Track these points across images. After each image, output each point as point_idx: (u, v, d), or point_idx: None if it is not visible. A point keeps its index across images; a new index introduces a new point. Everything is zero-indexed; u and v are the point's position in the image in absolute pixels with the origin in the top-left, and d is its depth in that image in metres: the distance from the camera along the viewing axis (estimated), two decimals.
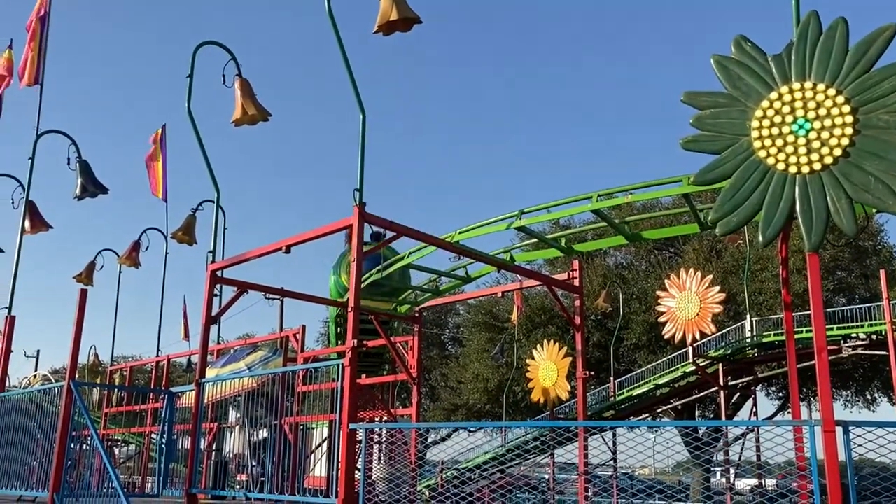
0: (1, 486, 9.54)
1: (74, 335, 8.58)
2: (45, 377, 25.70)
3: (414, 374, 10.67)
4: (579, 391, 9.68)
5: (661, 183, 9.25)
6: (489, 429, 31.52)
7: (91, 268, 15.48)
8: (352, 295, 7.12)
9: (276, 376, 8.51)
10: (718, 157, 4.98)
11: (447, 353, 43.57)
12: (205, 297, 8.93)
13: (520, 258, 11.91)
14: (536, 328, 33.04)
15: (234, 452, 9.46)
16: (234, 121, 8.96)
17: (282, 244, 8.13)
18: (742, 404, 30.60)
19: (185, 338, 20.11)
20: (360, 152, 7.43)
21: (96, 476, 9.63)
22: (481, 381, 34.93)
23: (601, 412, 27.16)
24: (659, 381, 26.85)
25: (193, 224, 13.16)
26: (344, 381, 6.83)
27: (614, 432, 20.35)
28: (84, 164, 11.17)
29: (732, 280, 28.31)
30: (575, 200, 9.85)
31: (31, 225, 11.43)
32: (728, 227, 4.92)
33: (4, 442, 9.66)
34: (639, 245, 32.59)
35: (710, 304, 10.84)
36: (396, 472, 8.75)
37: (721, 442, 21.90)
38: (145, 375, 28.17)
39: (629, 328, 31.59)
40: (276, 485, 7.78)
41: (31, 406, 9.60)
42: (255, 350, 11.79)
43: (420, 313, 11.53)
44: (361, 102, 7.50)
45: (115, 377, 17.80)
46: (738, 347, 25.05)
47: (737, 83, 4.96)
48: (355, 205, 7.23)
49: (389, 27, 7.35)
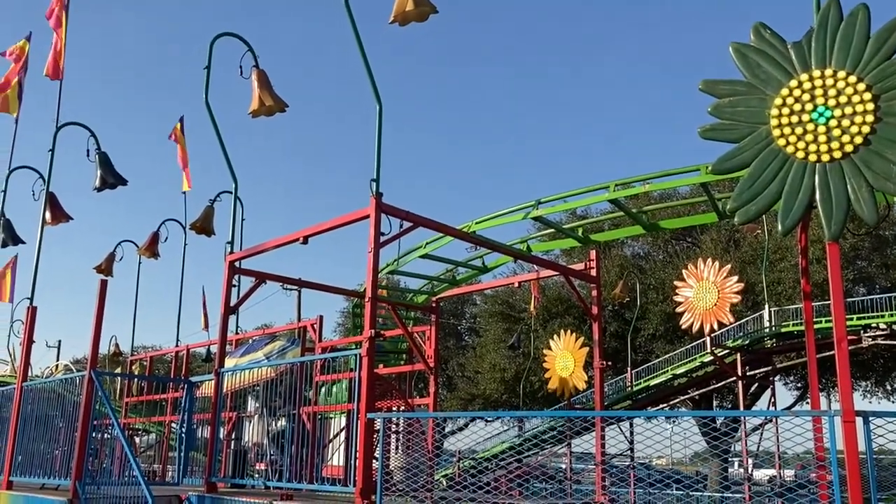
0: (24, 474, 9.68)
1: (95, 325, 8.66)
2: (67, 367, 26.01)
3: (431, 363, 10.70)
4: (597, 381, 9.68)
5: (679, 172, 9.21)
6: (506, 419, 31.61)
7: (111, 259, 15.60)
8: (369, 285, 7.15)
9: (294, 366, 8.56)
10: (737, 145, 4.94)
11: (464, 344, 43.64)
12: (223, 288, 9.00)
13: (536, 248, 11.90)
14: (553, 318, 33.02)
15: (252, 441, 9.53)
16: (251, 112, 8.99)
17: (299, 235, 8.16)
18: (760, 394, 30.47)
19: (205, 328, 20.27)
20: (376, 143, 7.44)
21: (117, 464, 9.74)
22: (498, 371, 34.97)
23: (618, 402, 27.13)
24: (676, 371, 26.78)
25: (212, 215, 13.22)
26: (362, 370, 6.86)
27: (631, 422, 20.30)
28: (103, 156, 11.24)
29: (750, 270, 28.15)
30: (592, 190, 9.83)
31: (52, 216, 11.52)
32: (747, 217, 4.88)
33: (28, 431, 9.79)
34: (656, 235, 32.43)
35: (728, 293, 10.77)
36: (414, 461, 8.79)
37: (739, 432, 21.81)
38: (165, 365, 28.41)
39: (646, 318, 31.50)
40: (295, 473, 7.84)
41: (54, 395, 9.72)
42: (273, 340, 11.86)
43: (437, 303, 11.55)
44: (378, 93, 7.49)
45: (135, 367, 17.95)
46: (756, 337, 24.93)
47: (756, 71, 4.92)
48: (372, 195, 7.24)
49: (405, 17, 7.34)
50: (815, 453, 5.35)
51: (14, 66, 11.60)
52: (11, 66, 11.64)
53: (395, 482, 7.84)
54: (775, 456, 20.60)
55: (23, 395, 9.96)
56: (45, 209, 11.16)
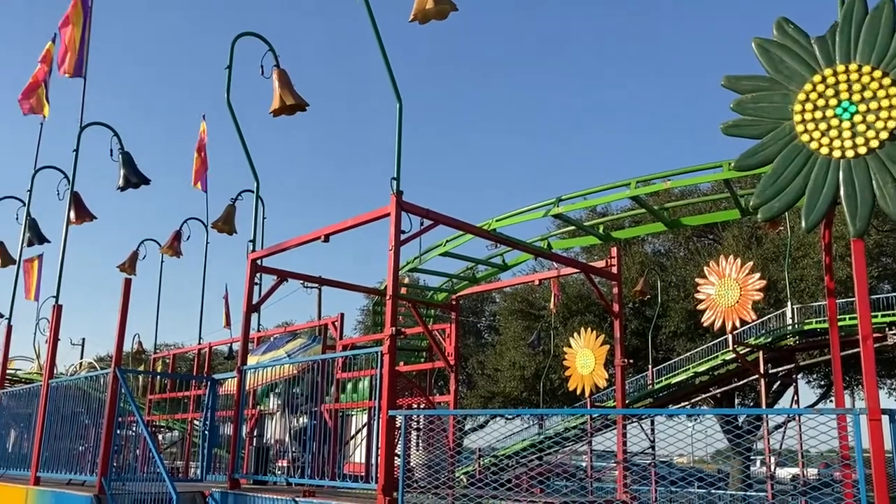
0: (51, 470, 9.80)
1: (119, 323, 8.75)
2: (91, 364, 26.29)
3: (452, 361, 10.71)
4: (618, 379, 9.64)
5: (701, 169, 9.16)
6: (526, 416, 31.56)
7: (134, 257, 15.76)
8: (390, 283, 7.17)
9: (316, 363, 8.61)
10: (760, 141, 4.91)
11: (483, 341, 43.64)
12: (245, 286, 9.06)
13: (557, 245, 11.89)
14: (573, 316, 32.94)
15: (274, 438, 9.59)
16: (272, 111, 9.04)
17: (320, 233, 8.19)
18: (783, 392, 30.21)
19: (227, 326, 20.41)
20: (396, 141, 7.45)
21: (141, 461, 9.84)
22: (518, 369, 34.94)
23: (639, 400, 27.01)
24: (698, 368, 26.61)
25: (233, 214, 13.31)
26: (383, 368, 6.88)
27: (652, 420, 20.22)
28: (126, 156, 11.35)
29: (773, 267, 27.92)
30: (613, 187, 9.80)
31: (76, 216, 11.65)
32: (770, 213, 4.85)
33: (54, 427, 9.91)
34: (677, 232, 32.24)
35: (751, 291, 10.68)
36: (435, 459, 8.81)
37: (761, 430, 21.64)
38: (187, 363, 28.63)
39: (667, 316, 31.34)
40: (317, 470, 7.88)
41: (79, 393, 9.82)
42: (294, 337, 11.92)
43: (457, 301, 11.56)
44: (398, 91, 7.51)
45: (158, 364, 18.11)
46: (778, 335, 24.72)
47: (779, 66, 4.88)
48: (393, 193, 7.26)
49: (425, 16, 7.34)
50: (840, 452, 5.30)
51: (41, 67, 11.74)
52: (38, 67, 11.78)
53: (416, 479, 7.87)
54: (798, 454, 20.42)
55: (49, 393, 10.08)
56: (69, 208, 11.28)
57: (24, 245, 13.11)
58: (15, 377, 25.33)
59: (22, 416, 11.74)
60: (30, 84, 11.84)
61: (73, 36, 11.15)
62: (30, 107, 11.90)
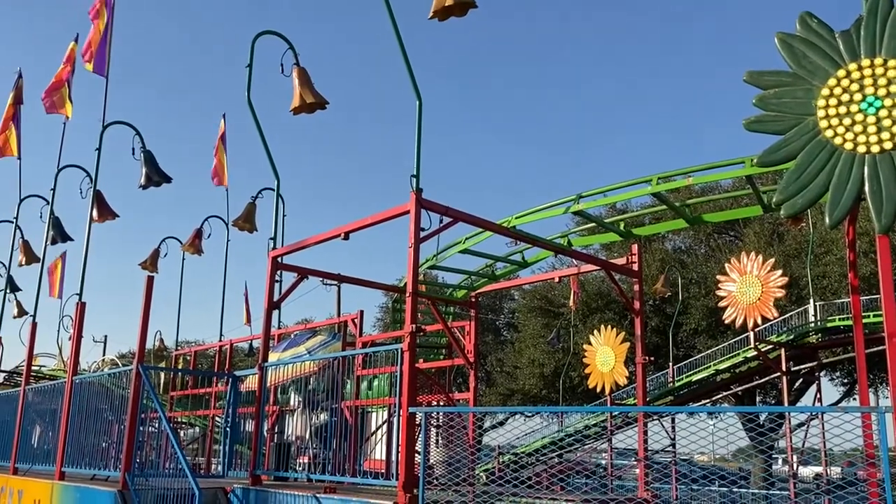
0: (75, 465, 9.91)
1: (142, 321, 8.82)
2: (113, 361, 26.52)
3: (471, 358, 10.70)
4: (639, 377, 9.60)
5: (723, 165, 9.09)
6: (545, 414, 31.50)
7: (155, 255, 15.88)
8: (410, 280, 7.17)
9: (336, 360, 8.64)
10: (783, 137, 4.87)
11: (502, 339, 43.60)
12: (266, 283, 9.10)
13: (577, 242, 11.85)
14: (593, 313, 32.83)
15: (295, 435, 9.64)
16: (292, 109, 9.08)
17: (340, 231, 8.21)
18: (805, 390, 29.94)
19: (247, 323, 20.54)
20: (416, 138, 7.46)
21: (163, 457, 9.92)
22: (537, 367, 34.88)
23: (660, 398, 26.88)
24: (719, 366, 26.43)
25: (253, 212, 13.37)
26: (403, 365, 6.89)
27: (673, 418, 20.11)
28: (148, 154, 11.43)
29: (795, 264, 27.68)
30: (633, 184, 9.74)
31: (99, 214, 11.75)
32: (794, 209, 4.81)
33: (78, 423, 10.01)
34: (698, 228, 32.01)
35: (772, 288, 10.56)
36: (455, 456, 8.81)
37: (783, 428, 21.47)
38: (208, 360, 28.83)
39: (688, 313, 31.15)
40: (337, 466, 7.91)
41: (102, 389, 9.92)
42: (314, 334, 11.97)
43: (476, 298, 11.55)
44: (417, 88, 7.51)
45: (180, 361, 18.25)
46: (801, 332, 24.50)
47: (802, 61, 4.83)
48: (412, 191, 7.26)
49: (445, 12, 7.33)
50: (865, 450, 5.25)
51: (64, 66, 11.85)
52: (61, 67, 11.90)
53: (436, 476, 7.88)
54: (821, 453, 20.23)
55: (73, 389, 10.18)
56: (92, 207, 11.38)
57: (48, 243, 13.26)
58: (39, 374, 25.64)
59: (46, 412, 11.87)
60: (53, 83, 11.97)
61: (98, 28, 11.23)
62: (52, 104, 12.03)
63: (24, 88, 13.99)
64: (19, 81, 13.93)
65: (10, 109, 13.89)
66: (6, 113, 13.92)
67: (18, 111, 13.96)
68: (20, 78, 13.90)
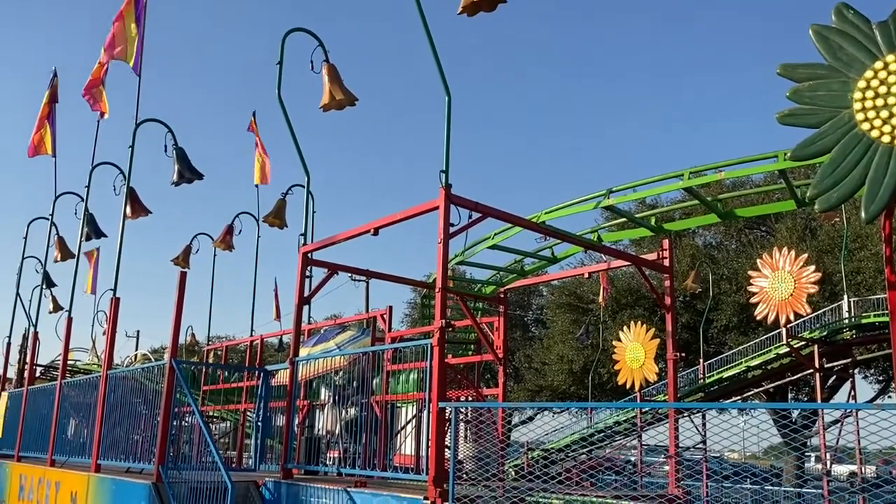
0: (110, 458, 10.08)
1: (175, 316, 8.93)
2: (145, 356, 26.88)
3: (500, 354, 10.70)
4: (670, 373, 9.53)
5: (755, 159, 8.97)
6: (574, 410, 31.38)
7: (187, 251, 16.07)
8: (439, 276, 7.19)
9: (366, 355, 8.69)
10: (817, 131, 4.79)
11: (531, 335, 43.51)
12: (297, 279, 9.17)
13: (607, 238, 11.78)
14: (622, 309, 32.65)
15: (326, 429, 9.70)
16: (322, 106, 9.13)
17: (370, 226, 8.25)
18: (838, 387, 29.55)
19: (277, 318, 20.71)
20: (445, 134, 7.46)
21: (195, 450, 10.05)
22: (566, 363, 34.78)
23: (690, 394, 26.68)
24: (750, 363, 26.16)
25: (284, 208, 13.47)
26: (433, 360, 6.91)
27: (703, 415, 19.94)
28: (180, 152, 11.56)
29: (828, 259, 27.31)
30: (664, 178, 9.66)
31: (132, 210, 11.91)
32: (828, 204, 4.74)
33: (112, 417, 10.17)
34: (729, 224, 31.71)
35: (805, 283, 10.43)
36: (485, 451, 8.82)
37: (816, 425, 21.19)
38: (239, 355, 29.12)
39: (719, 309, 30.87)
40: (367, 461, 7.96)
41: (136, 383, 10.06)
42: (343, 330, 12.03)
43: (505, 294, 11.54)
44: (447, 84, 7.52)
45: (211, 356, 18.45)
46: (834, 329, 24.17)
47: (838, 53, 4.75)
48: (441, 186, 7.27)
49: (474, 8, 7.32)
50: None
51: (99, 66, 12.01)
52: (97, 65, 12.06)
53: (465, 471, 7.89)
54: (856, 451, 19.94)
55: (108, 383, 10.34)
56: (125, 204, 11.53)
57: (83, 239, 13.47)
58: (74, 368, 26.07)
59: (81, 406, 12.08)
60: (91, 80, 12.13)
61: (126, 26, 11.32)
62: (94, 101, 12.21)
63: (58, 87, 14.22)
64: (54, 80, 14.15)
65: (45, 108, 14.12)
66: (41, 112, 14.15)
67: (53, 110, 14.19)
68: (55, 77, 14.13)
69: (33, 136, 14.14)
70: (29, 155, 14.21)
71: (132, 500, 8.86)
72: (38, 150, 14.13)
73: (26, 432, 13.86)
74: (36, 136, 14.12)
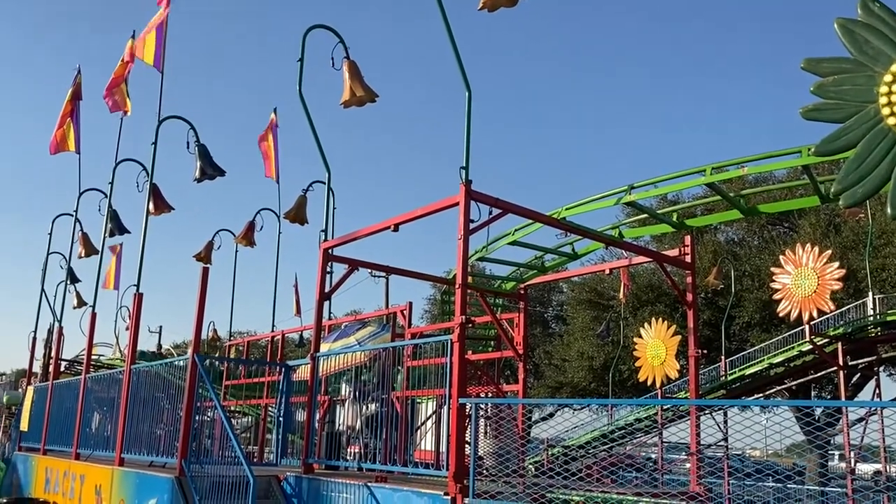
0: (133, 452, 10.18)
1: (197, 311, 9.00)
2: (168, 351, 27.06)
3: (520, 350, 10.69)
4: (691, 370, 9.48)
5: (779, 154, 8.89)
6: (594, 407, 31.27)
7: (209, 247, 16.17)
8: (459, 272, 7.19)
9: (386, 351, 8.71)
10: (842, 126, 4.74)
11: (551, 331, 43.42)
12: (318, 274, 9.21)
13: (628, 234, 11.72)
14: (643, 306, 32.48)
15: (346, 424, 9.75)
16: (342, 103, 9.15)
17: (390, 223, 8.26)
18: (863, 385, 29.21)
19: (297, 314, 20.79)
20: (465, 130, 7.46)
21: (217, 445, 10.13)
22: (586, 360, 34.67)
23: (711, 392, 26.50)
24: (773, 360, 25.93)
25: (304, 204, 13.52)
26: (453, 356, 6.92)
27: (725, 412, 19.82)
28: (202, 148, 11.64)
29: (852, 255, 27.01)
30: (686, 174, 9.59)
31: (155, 207, 12.00)
32: (853, 199, 4.68)
33: (135, 411, 10.27)
34: (751, 220, 31.42)
35: (829, 280, 10.33)
36: (505, 447, 8.82)
37: (840, 424, 20.98)
38: (260, 350, 29.31)
39: (741, 306, 30.63)
40: (387, 456, 7.99)
41: (158, 378, 10.15)
42: (364, 326, 12.07)
43: (525, 290, 11.53)
44: (467, 80, 7.51)
45: (232, 351, 18.57)
46: (858, 326, 23.88)
47: (863, 47, 4.69)
48: (462, 182, 7.27)
49: (494, 3, 7.31)
50: None
51: (122, 63, 12.12)
52: (120, 63, 12.16)
53: (486, 467, 7.90)
54: (881, 449, 19.73)
55: (131, 378, 10.44)
56: (148, 200, 11.63)
57: (106, 235, 13.61)
58: (98, 363, 26.36)
59: (105, 400, 12.21)
60: (112, 80, 12.25)
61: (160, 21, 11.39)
62: (114, 103, 12.32)
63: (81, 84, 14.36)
64: (78, 78, 14.29)
65: (68, 106, 14.25)
66: (64, 109, 14.29)
67: (77, 107, 14.33)
68: (79, 74, 14.26)
69: (55, 133, 14.28)
70: (51, 152, 14.37)
71: (155, 494, 8.95)
72: (61, 147, 14.27)
73: (52, 426, 14.05)
74: (58, 133, 14.26)
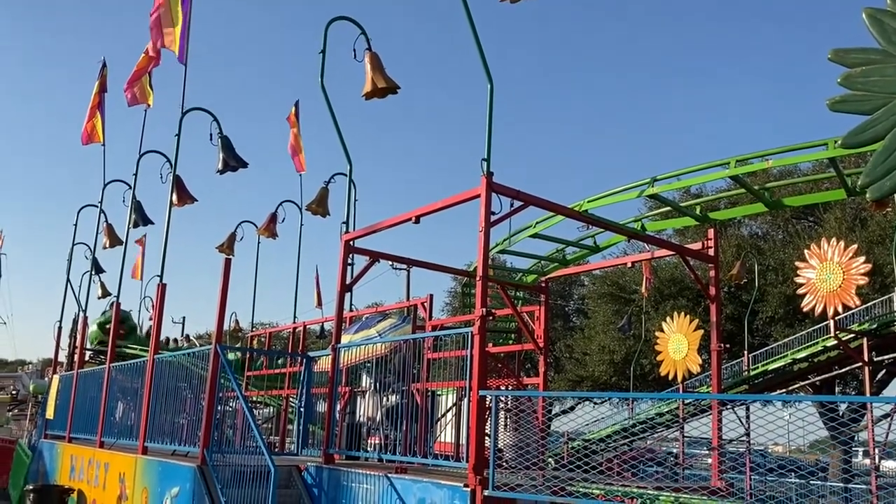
0: (156, 441, 10.29)
1: (220, 302, 9.06)
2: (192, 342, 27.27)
3: (541, 343, 10.66)
4: (713, 364, 9.41)
5: (804, 147, 8.78)
6: (615, 401, 31.16)
7: (232, 239, 16.29)
8: (480, 265, 7.19)
9: (406, 343, 8.72)
10: (870, 117, 4.66)
11: (572, 325, 43.29)
12: (339, 266, 9.24)
13: (650, 227, 11.65)
14: (665, 300, 32.29)
15: (367, 416, 9.79)
16: (364, 94, 9.15)
17: (411, 214, 8.27)
18: (888, 381, 28.84)
19: (318, 305, 20.90)
20: (487, 122, 7.44)
21: (239, 434, 10.21)
22: (607, 354, 34.55)
23: (734, 387, 26.30)
24: (797, 355, 25.68)
25: (326, 196, 13.57)
26: (473, 348, 6.91)
27: (747, 407, 19.66)
28: (225, 140, 11.71)
29: (878, 250, 26.66)
30: (710, 167, 9.50)
31: (178, 198, 12.11)
32: (881, 192, 4.60)
33: (158, 401, 10.37)
34: (775, 214, 31.10)
35: (855, 275, 10.20)
36: (524, 440, 8.81)
37: (864, 420, 20.75)
38: (281, 341, 29.48)
39: (764, 300, 30.36)
40: (407, 447, 8.01)
41: (181, 368, 10.24)
42: (385, 318, 12.10)
43: (546, 283, 11.49)
44: (489, 72, 7.48)
45: (254, 343, 18.70)
46: (885, 321, 23.57)
47: (893, 38, 4.61)
48: (483, 174, 7.25)
49: None
50: None
51: (145, 56, 12.20)
52: (142, 57, 12.25)
53: (506, 459, 7.89)
54: None
55: (154, 368, 10.54)
56: (172, 191, 11.72)
57: (131, 226, 13.74)
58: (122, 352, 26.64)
59: (129, 390, 12.34)
60: (134, 74, 12.34)
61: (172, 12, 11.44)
62: (133, 96, 12.41)
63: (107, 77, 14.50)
64: (104, 70, 14.43)
65: (95, 98, 14.41)
66: (92, 101, 14.46)
67: (103, 99, 14.48)
68: (104, 67, 14.40)
69: (86, 124, 14.47)
70: (83, 143, 14.56)
71: (178, 482, 9.05)
72: (92, 139, 14.47)
73: (77, 414, 14.24)
74: (88, 125, 14.45)
